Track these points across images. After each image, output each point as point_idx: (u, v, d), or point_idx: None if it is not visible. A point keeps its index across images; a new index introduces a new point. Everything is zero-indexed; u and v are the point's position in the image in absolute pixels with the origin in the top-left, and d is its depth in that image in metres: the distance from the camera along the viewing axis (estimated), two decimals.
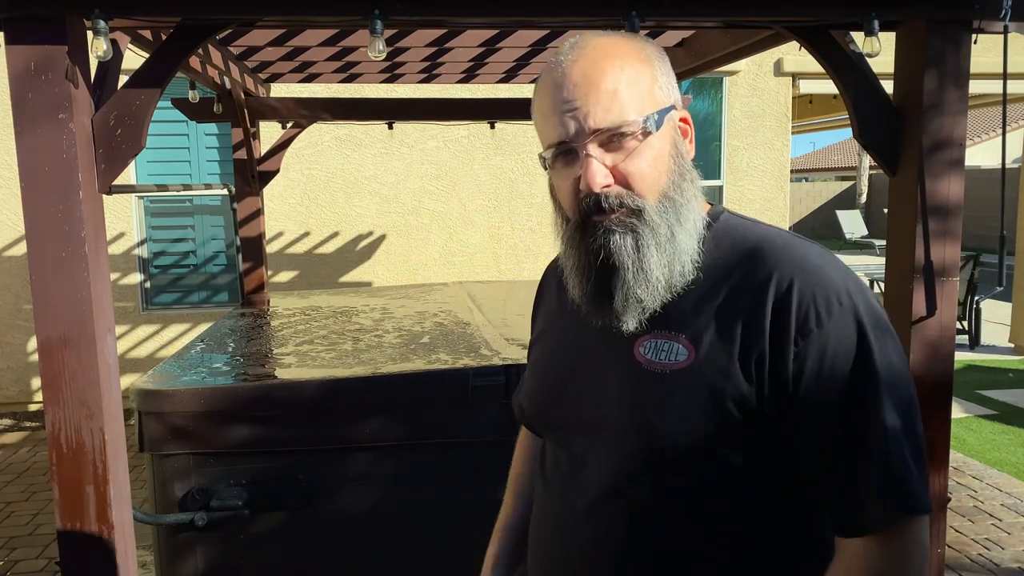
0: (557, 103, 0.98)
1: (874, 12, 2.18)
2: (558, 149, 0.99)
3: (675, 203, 0.99)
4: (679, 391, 0.96)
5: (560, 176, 1.01)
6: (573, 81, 0.97)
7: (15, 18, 1.97)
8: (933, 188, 2.27)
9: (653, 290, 0.98)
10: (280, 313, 3.94)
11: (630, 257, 0.97)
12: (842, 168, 27.58)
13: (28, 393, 6.07)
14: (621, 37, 1.02)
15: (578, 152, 0.97)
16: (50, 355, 2.05)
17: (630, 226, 0.97)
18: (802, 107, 10.59)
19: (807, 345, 0.92)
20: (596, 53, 0.98)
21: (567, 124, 0.97)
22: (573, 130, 0.97)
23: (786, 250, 0.98)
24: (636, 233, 0.97)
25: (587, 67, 0.97)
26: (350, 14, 2.15)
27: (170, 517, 2.36)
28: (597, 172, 0.96)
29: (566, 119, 0.97)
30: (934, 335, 2.31)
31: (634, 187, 0.97)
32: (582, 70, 0.97)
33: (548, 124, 1.00)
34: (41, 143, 2.00)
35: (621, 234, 0.97)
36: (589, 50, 0.99)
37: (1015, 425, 5.52)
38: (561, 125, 0.97)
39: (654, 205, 0.98)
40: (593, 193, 0.96)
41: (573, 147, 0.98)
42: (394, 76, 4.52)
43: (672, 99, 1.02)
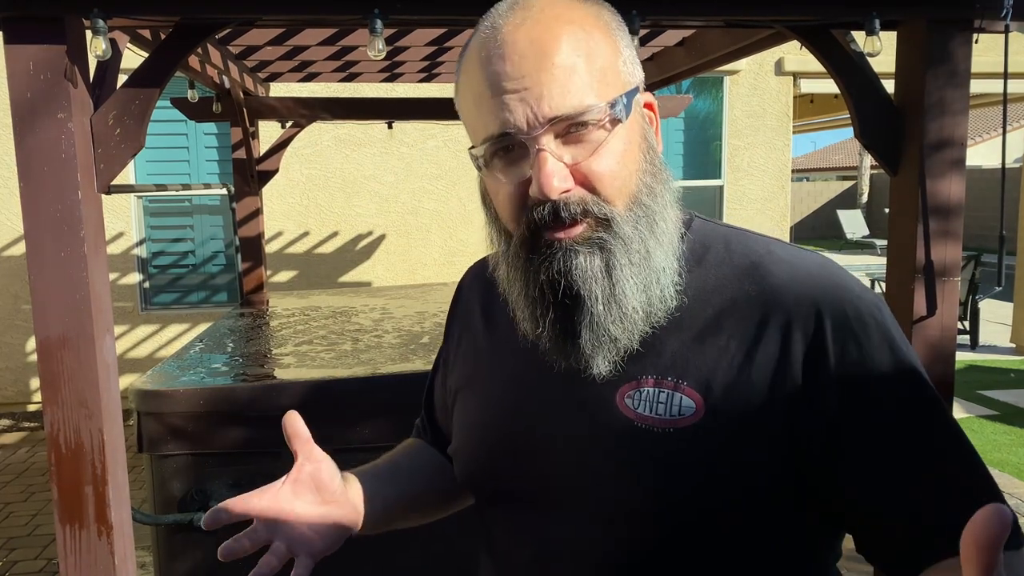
0: (496, 81, 0.74)
1: (875, 11, 2.18)
2: (498, 143, 0.75)
3: (648, 210, 0.78)
4: (691, 454, 0.76)
5: (499, 178, 0.77)
6: (519, 51, 0.73)
7: (14, 18, 1.96)
8: (934, 188, 2.27)
9: (630, 324, 0.77)
10: (279, 313, 3.94)
11: (600, 284, 0.75)
12: (843, 168, 27.59)
13: (27, 393, 6.06)
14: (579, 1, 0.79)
15: (527, 147, 0.74)
16: (49, 355, 2.05)
17: (598, 242, 0.75)
18: (803, 106, 10.59)
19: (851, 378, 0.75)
20: (546, 15, 0.75)
21: (512, 109, 0.73)
22: (521, 118, 0.73)
23: (795, 266, 0.81)
24: (606, 251, 0.75)
25: (537, 33, 0.74)
26: (349, 13, 2.14)
27: (169, 517, 2.35)
28: (554, 172, 0.73)
29: (510, 102, 0.73)
30: (935, 335, 2.31)
31: (600, 191, 0.75)
32: (530, 36, 0.74)
33: (484, 110, 0.75)
34: (40, 143, 2.00)
35: (587, 254, 0.75)
36: (536, 11, 0.75)
37: (1016, 425, 5.51)
38: (503, 110, 0.73)
39: (624, 213, 0.76)
40: (549, 200, 0.74)
41: (520, 140, 0.74)
42: (394, 75, 4.51)
43: (637, 78, 0.81)
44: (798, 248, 0.85)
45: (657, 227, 0.78)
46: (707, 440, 0.76)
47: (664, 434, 0.77)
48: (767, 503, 0.77)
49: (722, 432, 0.76)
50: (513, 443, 0.86)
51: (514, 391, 0.88)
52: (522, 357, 0.86)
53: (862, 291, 0.80)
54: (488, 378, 0.92)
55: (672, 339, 0.79)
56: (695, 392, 0.77)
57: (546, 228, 0.75)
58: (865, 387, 0.75)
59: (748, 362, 0.77)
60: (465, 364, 0.97)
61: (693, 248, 0.84)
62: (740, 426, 0.76)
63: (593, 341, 0.77)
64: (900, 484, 0.75)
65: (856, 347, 0.76)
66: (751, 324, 0.78)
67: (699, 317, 0.80)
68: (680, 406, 0.77)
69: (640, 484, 0.77)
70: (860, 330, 0.76)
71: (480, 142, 0.77)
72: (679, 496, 0.76)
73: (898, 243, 2.38)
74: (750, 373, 0.76)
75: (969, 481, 0.75)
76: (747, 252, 0.83)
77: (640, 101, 0.81)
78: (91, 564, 2.10)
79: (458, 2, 2.22)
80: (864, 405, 0.75)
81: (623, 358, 0.79)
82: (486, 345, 0.95)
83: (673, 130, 6.81)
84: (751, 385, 0.76)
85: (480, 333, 0.96)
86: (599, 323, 0.76)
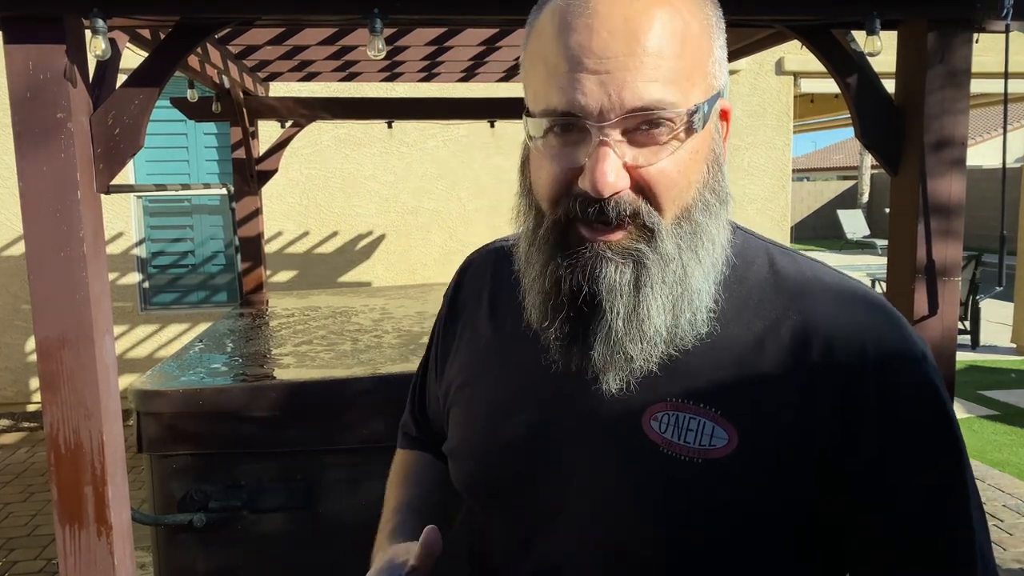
0: (577, 53, 0.66)
1: (875, 11, 2.18)
2: (561, 120, 0.68)
3: (698, 228, 0.71)
4: (718, 488, 0.71)
5: (550, 155, 0.70)
6: (609, 27, 0.66)
7: (14, 17, 1.96)
8: (935, 188, 2.26)
9: (649, 345, 0.71)
10: (279, 313, 3.93)
11: (624, 298, 0.69)
12: (844, 168, 27.59)
13: (26, 393, 6.06)
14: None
15: (590, 133, 0.67)
16: (48, 355, 2.04)
17: (633, 255, 0.69)
18: (803, 106, 10.59)
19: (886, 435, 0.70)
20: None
21: (587, 91, 0.66)
22: (595, 103, 0.66)
23: (848, 301, 0.75)
24: (640, 265, 0.69)
25: (634, 11, 0.66)
26: (349, 13, 2.14)
27: (169, 518, 2.35)
28: (610, 170, 0.66)
29: (587, 82, 0.66)
30: (936, 335, 2.30)
31: (654, 198, 0.69)
32: (625, 13, 0.66)
33: (554, 80, 0.67)
34: (39, 143, 1.99)
35: (619, 265, 0.69)
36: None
37: (1017, 426, 5.51)
38: (576, 89, 0.66)
39: (670, 227, 0.70)
40: (600, 198, 0.67)
41: (585, 125, 0.67)
42: (393, 75, 4.51)
43: (722, 82, 0.74)
44: (845, 276, 0.79)
45: (703, 247, 0.71)
46: (736, 474, 0.71)
47: (690, 463, 0.71)
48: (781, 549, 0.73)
49: (753, 469, 0.71)
50: (521, 448, 0.79)
51: (527, 391, 0.81)
52: (536, 356, 0.78)
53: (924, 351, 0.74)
54: (495, 375, 0.85)
55: (707, 361, 0.73)
56: (728, 423, 0.71)
57: (585, 222, 0.69)
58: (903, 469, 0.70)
59: (787, 397, 0.71)
60: (468, 357, 0.89)
61: (734, 264, 0.76)
62: (776, 463, 0.71)
63: (606, 356, 0.71)
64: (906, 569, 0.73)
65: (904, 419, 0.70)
66: (791, 355, 0.72)
67: (738, 341, 0.73)
68: (712, 436, 0.71)
69: (659, 513, 0.72)
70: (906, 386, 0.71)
71: (540, 112, 0.69)
72: (696, 530, 0.71)
73: (898, 243, 2.38)
74: (788, 410, 0.71)
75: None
76: (794, 274, 0.77)
77: (718, 108, 0.74)
78: (91, 564, 2.10)
79: (458, 2, 2.22)
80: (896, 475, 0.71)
81: (651, 375, 0.73)
82: (494, 339, 0.87)
83: None
84: (788, 423, 0.71)
85: (486, 325, 0.88)
86: (616, 339, 0.70)
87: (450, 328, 0.94)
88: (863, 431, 0.70)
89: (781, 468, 0.71)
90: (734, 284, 0.75)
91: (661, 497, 0.72)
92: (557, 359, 0.75)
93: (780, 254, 0.79)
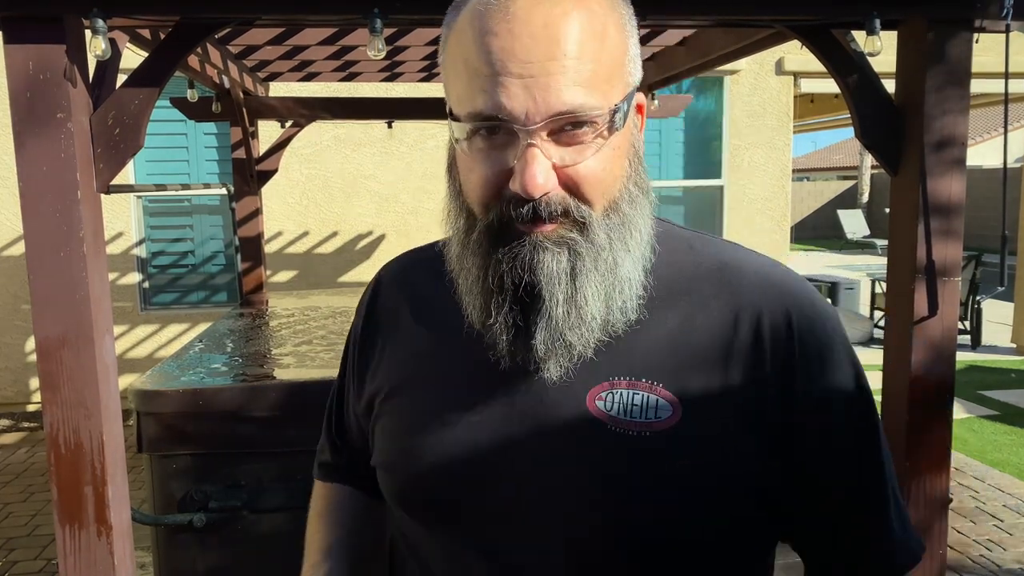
0: (500, 57, 0.67)
1: (875, 11, 2.18)
2: (487, 124, 0.70)
3: (625, 219, 0.75)
4: (667, 460, 0.74)
5: (478, 158, 0.72)
6: (531, 31, 0.67)
7: (13, 17, 1.96)
8: (935, 187, 2.26)
9: (587, 331, 0.74)
10: (279, 313, 3.93)
11: (562, 287, 0.72)
12: (844, 168, 27.59)
13: (26, 393, 6.06)
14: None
15: (517, 136, 0.69)
16: (48, 355, 2.04)
17: (568, 243, 0.72)
18: (803, 106, 10.59)
19: (813, 389, 0.76)
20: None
21: (512, 95, 0.67)
22: (520, 107, 0.67)
23: (762, 271, 0.81)
24: (574, 254, 0.72)
25: (555, 16, 0.68)
26: (349, 13, 2.14)
27: (169, 518, 2.35)
28: (540, 171, 0.68)
29: (511, 86, 0.67)
30: (936, 335, 2.30)
31: (582, 194, 0.72)
32: (546, 18, 0.67)
33: (477, 83, 0.69)
34: (39, 143, 1.99)
35: (555, 253, 0.72)
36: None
37: (1017, 426, 5.51)
38: (501, 93, 0.68)
39: (600, 218, 0.73)
40: (531, 199, 0.70)
41: (512, 128, 0.69)
42: (394, 75, 4.51)
43: (637, 78, 0.76)
44: (757, 253, 0.85)
45: (631, 237, 0.75)
46: (684, 443, 0.74)
47: (639, 437, 0.74)
48: (738, 506, 0.76)
49: (699, 434, 0.74)
50: (464, 452, 0.78)
51: (464, 394, 0.80)
52: (470, 357, 0.79)
53: (824, 304, 0.81)
54: (428, 381, 0.83)
55: (642, 341, 0.77)
56: (670, 394, 0.75)
57: (517, 220, 0.71)
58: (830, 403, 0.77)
59: (723, 363, 0.76)
60: (393, 368, 0.87)
61: (666, 250, 0.81)
62: (717, 428, 0.75)
63: (548, 343, 0.73)
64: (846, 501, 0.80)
65: (824, 361, 0.77)
66: (723, 326, 0.77)
67: (670, 321, 0.78)
68: (656, 408, 0.75)
69: (612, 489, 0.74)
70: (828, 344, 0.78)
71: (465, 116, 0.71)
72: (652, 502, 0.74)
73: (899, 243, 2.38)
74: (725, 374, 0.76)
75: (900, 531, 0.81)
76: (714, 254, 0.83)
77: (634, 103, 0.76)
78: (91, 564, 2.10)
79: None
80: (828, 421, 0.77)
81: (589, 360, 0.76)
82: (423, 345, 0.86)
83: (673, 130, 6.81)
84: (727, 386, 0.75)
85: (410, 333, 0.88)
86: (556, 326, 0.73)
87: (368, 342, 0.92)
88: (795, 385, 0.76)
89: (726, 433, 0.75)
90: (661, 269, 0.79)
91: (614, 472, 0.74)
92: (502, 354, 0.76)
93: (699, 240, 0.85)
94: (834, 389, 0.78)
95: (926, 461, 2.32)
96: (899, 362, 2.36)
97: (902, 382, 2.34)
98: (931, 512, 2.34)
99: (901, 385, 2.34)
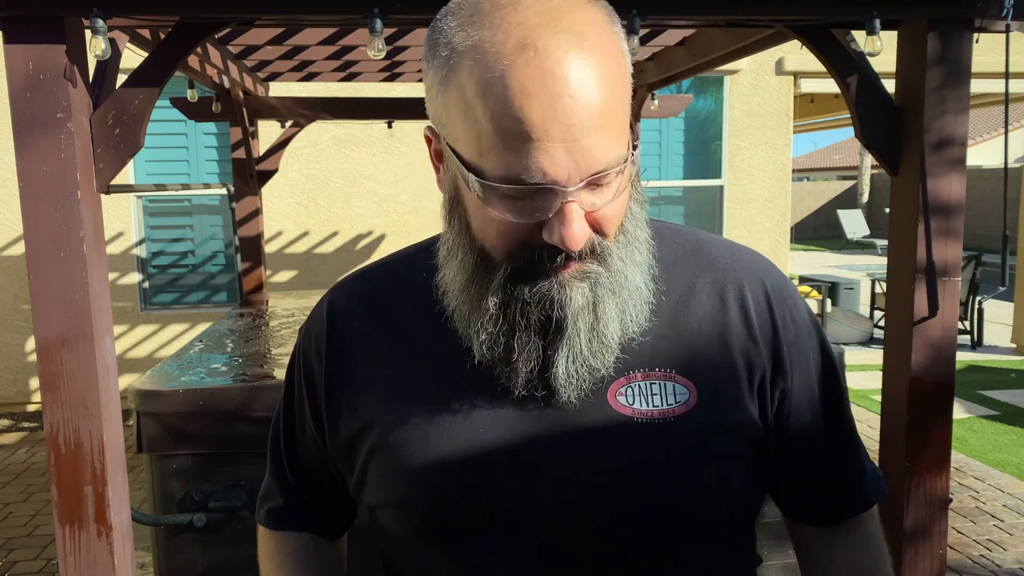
0: (543, 122, 0.65)
1: (875, 11, 2.18)
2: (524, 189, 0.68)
3: (629, 236, 0.76)
4: (693, 438, 0.78)
5: (500, 208, 0.69)
6: (570, 90, 0.65)
7: (13, 17, 1.96)
8: (935, 187, 2.26)
9: (609, 353, 0.76)
10: (279, 313, 3.93)
11: (585, 318, 0.74)
12: (844, 167, 27.59)
13: (26, 394, 6.06)
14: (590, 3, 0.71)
15: (552, 192, 0.68)
16: (48, 355, 2.04)
17: (591, 276, 0.73)
18: (803, 106, 10.59)
19: (793, 351, 0.84)
20: (588, 45, 0.67)
21: (556, 160, 0.66)
22: (563, 172, 0.66)
23: (730, 248, 0.88)
24: (596, 284, 0.74)
25: (585, 72, 0.66)
26: (349, 13, 2.14)
27: (169, 518, 2.35)
28: (579, 227, 0.69)
29: (555, 152, 0.66)
30: (936, 335, 2.30)
31: (604, 230, 0.73)
32: (580, 76, 0.65)
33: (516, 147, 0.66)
34: (39, 143, 1.99)
35: (581, 289, 0.73)
36: (574, 36, 0.66)
37: (1017, 426, 5.51)
38: (546, 161, 0.66)
39: (613, 244, 0.75)
40: (571, 252, 0.70)
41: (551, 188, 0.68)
42: (393, 75, 4.51)
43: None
44: (717, 235, 0.93)
45: (637, 250, 0.77)
46: (705, 420, 0.78)
47: (665, 423, 0.77)
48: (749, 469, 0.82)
49: (716, 409, 0.79)
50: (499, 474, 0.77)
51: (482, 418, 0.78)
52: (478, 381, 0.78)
53: (781, 272, 0.90)
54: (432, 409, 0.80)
55: (647, 336, 0.79)
56: (684, 377, 0.79)
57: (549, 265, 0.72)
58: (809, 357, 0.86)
59: (720, 339, 0.81)
60: (378, 401, 0.82)
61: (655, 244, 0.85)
62: (730, 402, 0.80)
63: (571, 373, 0.75)
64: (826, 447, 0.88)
65: (796, 322, 0.85)
66: (713, 304, 0.83)
67: (665, 306, 0.82)
68: (674, 393, 0.78)
69: (650, 477, 0.77)
70: (796, 306, 0.87)
71: (496, 177, 0.68)
72: (687, 479, 0.77)
73: (899, 243, 2.38)
74: (725, 349, 0.81)
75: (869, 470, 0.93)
76: (684, 240, 0.88)
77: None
78: (91, 564, 2.10)
79: None
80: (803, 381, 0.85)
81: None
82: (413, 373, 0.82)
83: (673, 130, 6.81)
84: (728, 359, 0.81)
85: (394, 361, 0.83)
86: (581, 354, 0.74)
87: (336, 377, 0.86)
88: (780, 345, 0.83)
89: (735, 403, 0.80)
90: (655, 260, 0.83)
91: (650, 460, 0.77)
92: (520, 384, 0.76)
93: (664, 228, 0.88)
94: (809, 345, 0.86)
95: (926, 461, 2.32)
96: (899, 362, 2.36)
97: (902, 382, 2.34)
98: (931, 512, 2.34)
99: (901, 385, 2.34)
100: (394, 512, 0.83)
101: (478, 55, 0.67)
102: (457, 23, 0.70)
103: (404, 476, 0.80)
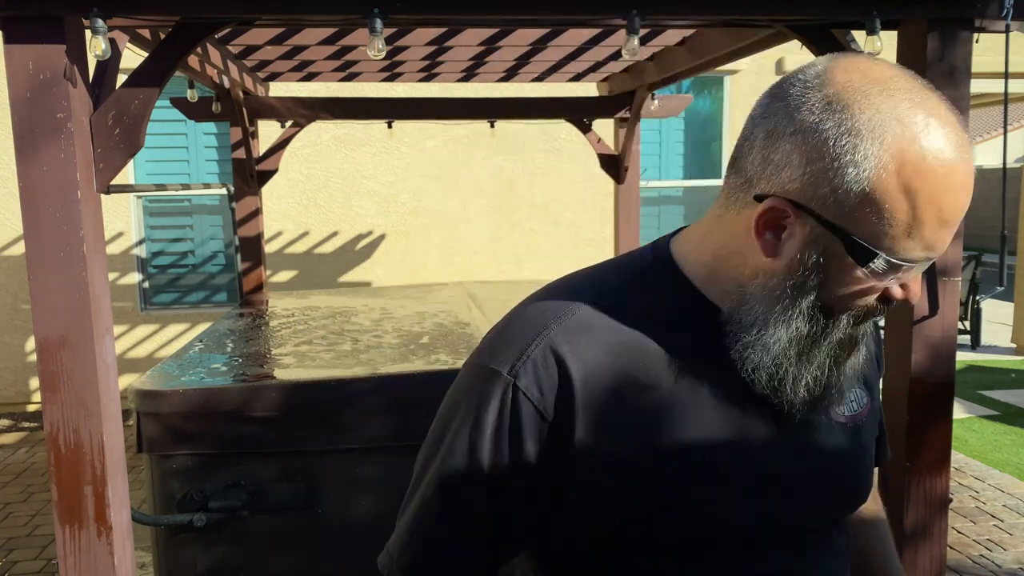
0: (956, 212, 0.77)
1: (876, 11, 2.18)
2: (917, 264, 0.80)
3: None
4: (869, 433, 0.97)
5: (875, 279, 0.80)
6: (966, 187, 0.77)
7: (14, 17, 1.96)
8: None
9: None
10: (279, 313, 3.93)
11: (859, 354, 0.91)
12: None
13: (26, 394, 6.06)
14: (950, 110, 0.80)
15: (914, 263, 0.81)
16: (48, 355, 2.04)
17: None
18: None
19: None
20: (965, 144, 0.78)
21: (945, 242, 0.78)
22: (941, 250, 0.79)
23: None
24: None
25: (968, 162, 0.77)
26: (349, 13, 2.14)
27: (169, 518, 2.35)
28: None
29: (947, 237, 0.78)
30: (936, 335, 2.30)
31: None
32: (967, 175, 0.77)
33: (927, 232, 0.77)
34: (39, 143, 1.99)
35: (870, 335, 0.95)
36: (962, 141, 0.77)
37: (1017, 426, 5.51)
38: (940, 242, 0.78)
39: None
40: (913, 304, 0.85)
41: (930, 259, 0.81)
42: (394, 75, 4.51)
43: None
44: None
45: None
46: (872, 417, 0.97)
47: (860, 425, 0.94)
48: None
49: (875, 406, 0.98)
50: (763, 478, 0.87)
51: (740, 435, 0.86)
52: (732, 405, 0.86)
53: None
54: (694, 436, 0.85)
55: None
56: (864, 383, 0.94)
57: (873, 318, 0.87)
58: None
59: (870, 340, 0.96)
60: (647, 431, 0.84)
61: None
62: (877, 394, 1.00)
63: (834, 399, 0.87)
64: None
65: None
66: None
67: None
68: (859, 399, 0.94)
69: (855, 472, 0.94)
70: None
71: (907, 257, 0.78)
72: (868, 467, 0.97)
73: None
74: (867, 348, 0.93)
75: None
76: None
77: None
78: (91, 564, 2.10)
79: (458, 2, 2.22)
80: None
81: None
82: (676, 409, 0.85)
83: (673, 130, 6.81)
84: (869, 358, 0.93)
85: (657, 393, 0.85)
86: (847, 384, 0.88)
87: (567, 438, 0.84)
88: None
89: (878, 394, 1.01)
90: None
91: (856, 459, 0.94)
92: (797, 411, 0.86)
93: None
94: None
95: (926, 461, 2.32)
96: (899, 362, 2.36)
97: (902, 382, 2.34)
98: (931, 512, 2.34)
99: (901, 385, 2.34)
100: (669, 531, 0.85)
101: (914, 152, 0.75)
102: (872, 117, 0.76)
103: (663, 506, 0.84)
